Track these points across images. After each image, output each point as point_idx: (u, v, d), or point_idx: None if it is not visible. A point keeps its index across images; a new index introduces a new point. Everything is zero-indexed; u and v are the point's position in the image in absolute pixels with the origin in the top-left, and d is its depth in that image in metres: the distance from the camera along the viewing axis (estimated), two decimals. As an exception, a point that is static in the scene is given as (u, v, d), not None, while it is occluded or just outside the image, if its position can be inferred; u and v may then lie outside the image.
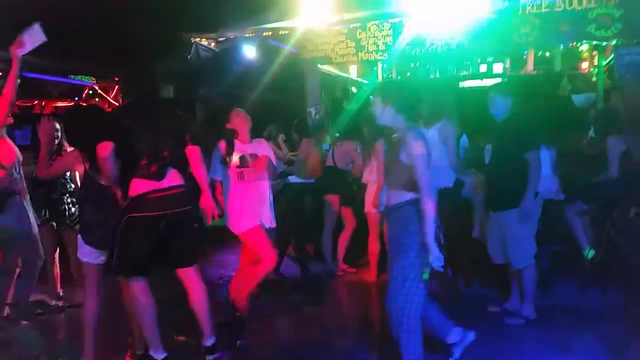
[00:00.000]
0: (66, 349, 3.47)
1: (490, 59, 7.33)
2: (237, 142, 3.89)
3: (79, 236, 3.22)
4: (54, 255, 4.53)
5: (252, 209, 3.85)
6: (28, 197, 3.92)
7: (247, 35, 7.06)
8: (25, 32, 3.60)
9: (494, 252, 3.95)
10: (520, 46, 6.45)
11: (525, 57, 7.13)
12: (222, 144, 3.87)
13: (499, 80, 6.98)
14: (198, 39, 7.12)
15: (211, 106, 9.60)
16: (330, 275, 5.24)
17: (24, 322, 3.81)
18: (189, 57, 7.09)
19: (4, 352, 3.18)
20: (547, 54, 7.09)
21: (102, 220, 3.15)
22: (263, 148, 4.06)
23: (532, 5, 5.60)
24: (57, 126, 4.27)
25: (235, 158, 3.84)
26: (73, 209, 4.40)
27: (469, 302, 4.23)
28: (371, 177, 4.94)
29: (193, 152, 3.28)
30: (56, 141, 4.29)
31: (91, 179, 3.16)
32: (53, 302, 4.52)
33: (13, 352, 3.24)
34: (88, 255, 3.20)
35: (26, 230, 3.82)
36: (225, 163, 3.84)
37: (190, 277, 3.32)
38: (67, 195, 4.44)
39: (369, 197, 4.91)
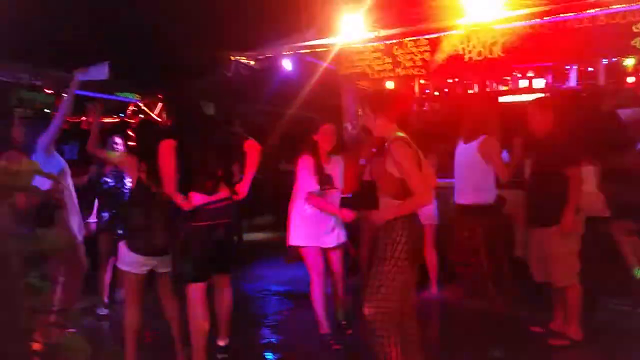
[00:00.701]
0: (111, 357, 3.53)
1: (530, 74, 7.21)
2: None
3: (122, 244, 3.30)
4: (107, 263, 4.65)
5: (316, 230, 3.82)
6: (76, 207, 4.07)
7: (285, 52, 7.17)
8: (94, 66, 3.99)
9: (534, 269, 3.85)
10: (562, 61, 6.33)
11: (567, 72, 6.98)
12: (310, 160, 3.81)
13: (539, 95, 6.85)
14: (238, 57, 7.29)
15: (250, 122, 9.74)
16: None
17: (70, 329, 3.92)
18: (229, 74, 7.25)
19: (50, 358, 3.27)
20: (591, 68, 6.92)
21: (150, 226, 3.23)
22: (338, 168, 3.99)
23: (574, 19, 5.49)
24: (117, 140, 4.57)
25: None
26: None
27: (512, 322, 4.12)
28: None
29: (254, 148, 3.48)
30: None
31: (143, 186, 3.26)
32: (99, 310, 4.65)
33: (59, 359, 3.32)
34: (130, 264, 3.28)
35: (72, 241, 3.95)
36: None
37: (224, 281, 3.54)
38: None
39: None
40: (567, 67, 6.90)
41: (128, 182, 4.49)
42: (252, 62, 7.47)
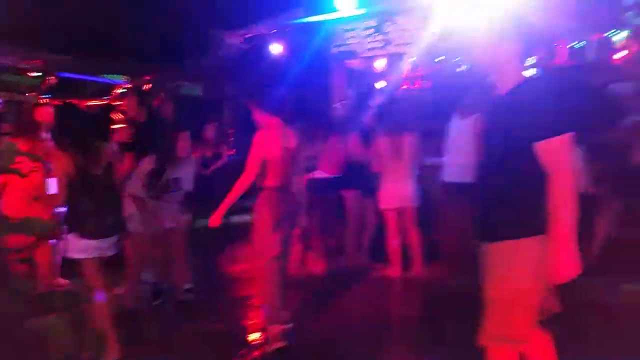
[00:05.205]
0: (95, 339, 3.53)
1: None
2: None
3: (71, 235, 3.15)
4: None
5: None
6: None
7: (275, 31, 7.09)
8: None
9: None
10: (552, 37, 6.28)
11: (557, 48, 6.92)
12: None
13: (529, 72, 6.79)
14: (227, 36, 7.21)
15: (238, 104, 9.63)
16: (354, 271, 5.19)
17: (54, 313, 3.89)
18: (218, 54, 7.18)
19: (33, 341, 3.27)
20: (581, 43, 6.87)
21: (96, 209, 3.13)
22: (187, 167, 4.27)
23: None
24: None
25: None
26: None
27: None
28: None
29: None
30: None
31: (82, 170, 3.12)
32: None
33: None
34: (82, 251, 3.13)
35: (52, 225, 3.91)
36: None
37: None
38: None
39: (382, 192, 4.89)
40: (556, 43, 6.84)
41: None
42: (240, 42, 7.40)
